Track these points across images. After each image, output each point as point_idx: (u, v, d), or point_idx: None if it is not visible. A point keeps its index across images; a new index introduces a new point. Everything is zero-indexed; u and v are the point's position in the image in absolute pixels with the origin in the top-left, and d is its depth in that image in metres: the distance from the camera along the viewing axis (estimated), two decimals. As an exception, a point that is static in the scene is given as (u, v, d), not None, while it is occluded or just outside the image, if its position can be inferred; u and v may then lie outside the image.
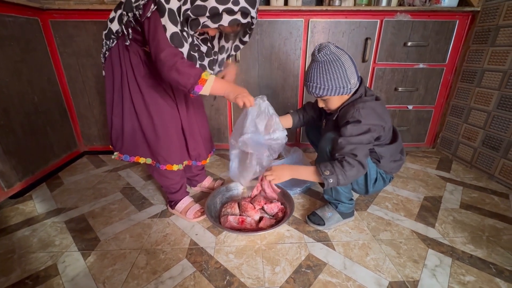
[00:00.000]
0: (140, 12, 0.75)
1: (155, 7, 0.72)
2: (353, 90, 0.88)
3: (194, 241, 0.94)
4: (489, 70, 1.38)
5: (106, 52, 0.87)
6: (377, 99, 0.91)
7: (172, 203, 1.09)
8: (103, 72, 0.90)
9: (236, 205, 1.06)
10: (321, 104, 0.95)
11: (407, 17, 1.42)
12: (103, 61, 0.90)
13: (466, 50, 1.51)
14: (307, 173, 0.87)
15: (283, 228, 1.00)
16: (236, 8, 0.72)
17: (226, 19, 0.74)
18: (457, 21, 1.44)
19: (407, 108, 1.63)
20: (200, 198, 1.22)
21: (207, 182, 1.28)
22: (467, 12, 1.43)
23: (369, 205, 1.15)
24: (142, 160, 0.98)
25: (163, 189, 1.10)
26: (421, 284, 0.76)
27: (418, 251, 0.89)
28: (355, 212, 1.08)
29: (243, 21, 0.76)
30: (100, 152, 1.71)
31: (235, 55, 1.46)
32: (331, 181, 0.81)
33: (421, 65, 1.53)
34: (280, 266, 0.83)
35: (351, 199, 1.02)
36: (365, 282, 0.77)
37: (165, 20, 0.72)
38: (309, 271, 0.81)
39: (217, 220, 1.02)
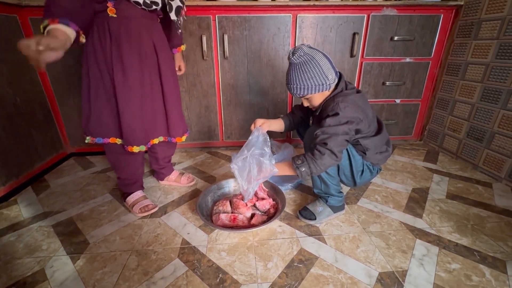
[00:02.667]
0: None
1: None
2: (332, 86, 0.90)
3: (186, 240, 0.93)
4: (472, 63, 1.41)
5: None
6: (358, 92, 0.93)
7: (124, 195, 1.11)
8: None
9: (227, 203, 1.06)
10: (305, 103, 0.97)
11: (393, 12, 1.44)
12: None
13: (450, 44, 1.54)
14: (284, 168, 0.92)
15: (275, 224, 1.01)
16: None
17: None
18: (442, 15, 1.47)
19: (395, 102, 1.66)
20: (192, 196, 1.21)
21: (173, 176, 1.30)
22: (451, 6, 1.45)
23: (359, 198, 1.17)
24: (118, 141, 0.98)
25: (118, 182, 1.13)
26: (409, 273, 0.79)
27: (407, 242, 0.91)
28: (345, 205, 1.10)
29: None
30: (87, 153, 1.67)
31: (224, 53, 1.45)
32: (303, 169, 0.85)
33: (407, 59, 1.55)
34: (273, 261, 0.84)
35: (340, 192, 1.03)
36: (356, 274, 0.79)
37: None
38: (301, 265, 0.82)
39: (209, 218, 1.02)
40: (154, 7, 0.88)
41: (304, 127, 1.19)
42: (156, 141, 1.05)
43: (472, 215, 1.05)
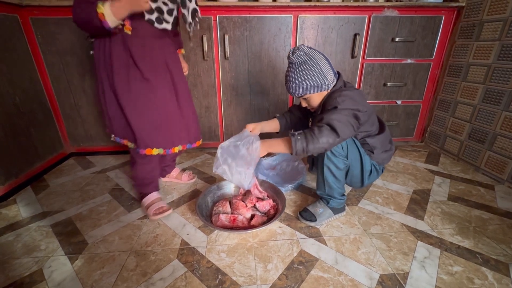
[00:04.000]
0: None
1: None
2: (331, 86, 0.90)
3: (185, 241, 0.92)
4: (474, 65, 1.40)
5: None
6: (356, 89, 0.93)
7: (141, 195, 1.10)
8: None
9: (227, 204, 1.05)
10: (304, 104, 0.97)
11: (394, 13, 1.43)
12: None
13: (452, 45, 1.53)
14: (280, 144, 0.88)
15: (275, 225, 1.00)
16: None
17: None
18: (443, 16, 1.47)
19: (396, 103, 1.65)
20: (191, 196, 1.20)
21: (175, 173, 1.33)
22: (453, 8, 1.45)
23: (360, 200, 1.16)
24: (129, 144, 0.99)
25: (135, 182, 1.11)
26: (411, 275, 0.78)
27: (408, 244, 0.90)
28: (346, 207, 1.09)
29: None
30: (87, 153, 1.67)
31: (225, 53, 1.44)
32: (299, 138, 0.82)
33: (409, 60, 1.55)
34: (272, 263, 0.83)
35: (343, 195, 1.03)
36: (356, 276, 0.78)
37: None
38: (301, 267, 0.81)
39: (208, 219, 1.01)
40: (165, 25, 0.92)
41: (302, 127, 1.19)
42: (176, 149, 1.03)
43: (474, 217, 1.04)
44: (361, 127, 0.91)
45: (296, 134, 0.84)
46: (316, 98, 0.92)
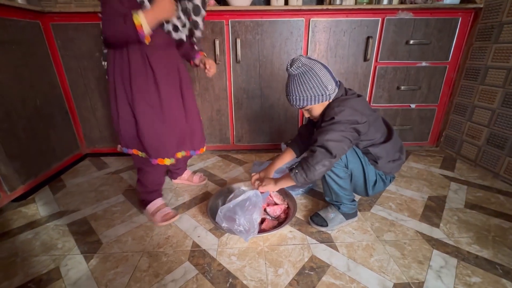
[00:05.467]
0: None
1: None
2: (332, 96, 0.88)
3: (197, 243, 0.93)
4: (493, 68, 1.36)
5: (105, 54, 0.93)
6: (358, 96, 0.91)
7: (143, 203, 1.10)
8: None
9: (238, 207, 1.06)
10: (306, 115, 0.96)
11: (409, 15, 1.41)
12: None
13: (469, 48, 1.49)
14: (285, 180, 0.94)
15: (286, 230, 1.00)
16: None
17: None
18: (460, 18, 1.43)
19: (410, 107, 1.62)
20: (202, 199, 1.21)
21: (186, 175, 1.35)
22: (470, 9, 1.41)
23: (372, 206, 1.14)
24: (139, 153, 1.00)
25: (139, 189, 1.10)
26: (426, 285, 0.75)
27: (423, 252, 0.88)
28: (358, 212, 1.07)
29: None
30: (102, 154, 1.71)
31: (236, 57, 1.46)
32: (297, 171, 0.85)
33: (423, 63, 1.52)
34: (283, 268, 0.82)
35: (353, 200, 1.01)
36: (369, 284, 0.76)
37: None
38: (312, 273, 0.80)
39: (219, 222, 1.02)
40: (180, 34, 0.95)
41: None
42: (179, 155, 1.05)
43: (493, 226, 1.00)
44: (363, 136, 0.88)
45: (294, 168, 0.87)
46: (318, 109, 0.90)
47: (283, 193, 1.13)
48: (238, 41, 1.43)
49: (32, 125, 1.27)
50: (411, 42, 1.45)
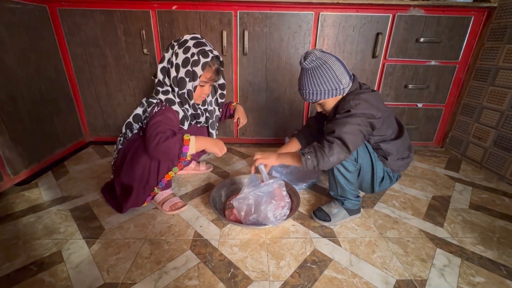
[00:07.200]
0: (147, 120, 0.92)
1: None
2: (346, 90, 0.87)
3: (199, 233, 0.93)
4: (504, 68, 1.34)
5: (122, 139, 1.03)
6: (372, 91, 0.89)
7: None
8: None
9: (241, 199, 1.05)
10: (318, 109, 0.95)
11: (420, 12, 1.38)
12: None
13: (480, 48, 1.46)
14: (290, 158, 0.93)
15: (288, 223, 0.99)
16: (196, 57, 0.89)
17: (199, 68, 0.90)
18: (472, 17, 1.40)
19: (417, 106, 1.60)
20: (205, 190, 1.21)
21: (192, 164, 1.37)
22: (483, 8, 1.38)
23: (376, 203, 1.13)
24: (156, 190, 1.02)
25: None
26: (429, 283, 0.75)
27: (426, 250, 0.87)
28: (361, 209, 1.06)
29: (210, 58, 0.91)
30: (105, 142, 1.71)
31: (243, 49, 1.44)
32: (309, 159, 0.83)
33: (433, 62, 1.49)
34: (285, 260, 0.82)
35: (358, 196, 1.00)
36: (371, 280, 0.76)
37: (176, 107, 0.94)
38: (314, 266, 0.80)
39: (221, 212, 1.01)
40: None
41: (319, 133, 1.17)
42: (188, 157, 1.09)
43: (498, 227, 0.99)
44: (375, 131, 0.87)
45: (307, 152, 0.84)
46: (331, 103, 0.89)
47: (287, 187, 1.12)
48: (246, 33, 1.41)
49: (37, 110, 1.27)
50: (421, 40, 1.43)
